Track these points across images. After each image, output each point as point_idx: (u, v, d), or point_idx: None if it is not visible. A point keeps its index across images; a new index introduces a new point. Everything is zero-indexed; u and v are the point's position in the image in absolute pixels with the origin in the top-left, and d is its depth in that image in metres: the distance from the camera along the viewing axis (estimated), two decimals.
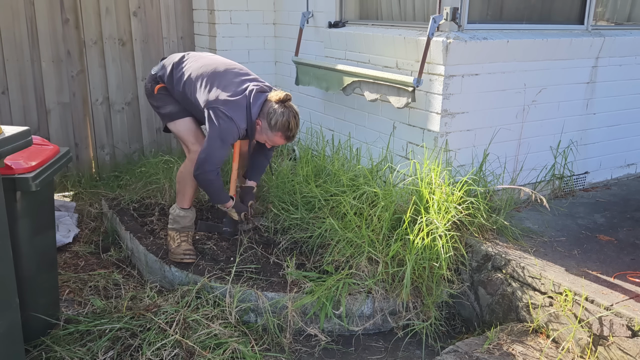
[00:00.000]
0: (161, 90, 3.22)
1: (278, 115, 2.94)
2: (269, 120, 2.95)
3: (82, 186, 4.40)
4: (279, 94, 2.98)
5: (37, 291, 2.42)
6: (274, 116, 2.94)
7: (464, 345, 2.47)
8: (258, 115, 2.99)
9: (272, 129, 2.97)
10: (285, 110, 2.95)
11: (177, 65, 3.15)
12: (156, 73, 3.24)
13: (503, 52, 3.17)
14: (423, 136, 3.26)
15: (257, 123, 3.00)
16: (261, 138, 3.09)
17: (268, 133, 3.01)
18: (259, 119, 3.00)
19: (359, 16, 3.99)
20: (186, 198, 3.22)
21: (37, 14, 4.21)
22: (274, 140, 3.04)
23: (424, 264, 2.77)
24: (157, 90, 3.22)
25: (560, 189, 3.72)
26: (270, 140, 3.06)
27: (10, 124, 3.51)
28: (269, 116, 2.95)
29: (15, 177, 2.14)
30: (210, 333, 2.51)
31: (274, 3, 4.68)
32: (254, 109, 2.98)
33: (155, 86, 3.23)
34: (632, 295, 2.39)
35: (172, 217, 3.25)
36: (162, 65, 3.24)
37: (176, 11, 4.75)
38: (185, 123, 3.21)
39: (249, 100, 2.98)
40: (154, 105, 3.30)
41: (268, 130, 2.99)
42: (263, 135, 3.05)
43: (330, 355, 2.68)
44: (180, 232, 3.22)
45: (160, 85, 3.22)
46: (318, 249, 3.12)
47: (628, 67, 3.79)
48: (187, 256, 3.13)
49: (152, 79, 3.26)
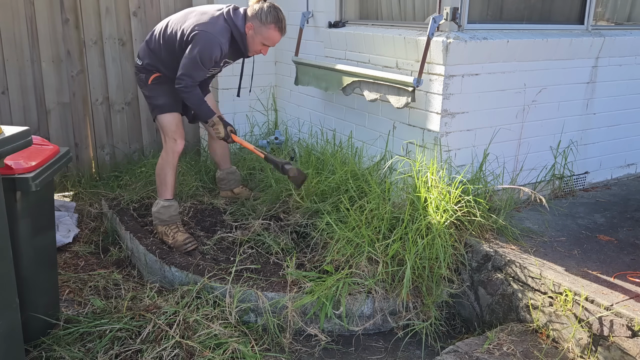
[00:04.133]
0: (155, 80, 3.29)
1: (265, 11, 3.17)
2: (260, 17, 3.15)
3: (82, 186, 4.39)
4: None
5: (37, 291, 2.42)
6: (262, 12, 3.16)
7: (464, 345, 2.47)
8: (245, 24, 3.17)
9: (264, 24, 3.15)
10: (269, 6, 3.18)
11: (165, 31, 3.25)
12: (142, 62, 3.32)
13: (503, 52, 3.17)
14: (423, 136, 3.26)
15: (248, 28, 3.17)
16: (256, 43, 3.23)
17: (262, 31, 3.17)
18: (248, 23, 3.17)
19: (359, 16, 3.99)
20: (168, 188, 3.32)
21: (37, 14, 4.21)
22: (270, 35, 3.20)
23: (424, 263, 2.77)
24: (152, 80, 3.30)
25: (560, 189, 3.72)
26: (265, 39, 3.21)
27: (10, 124, 3.50)
28: (258, 15, 3.16)
29: (15, 177, 2.14)
30: (210, 333, 2.51)
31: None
32: (239, 22, 3.17)
33: (150, 76, 3.30)
34: (632, 295, 2.39)
35: (157, 212, 3.31)
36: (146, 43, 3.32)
37: (176, 11, 4.73)
38: (172, 116, 3.34)
39: (229, 18, 3.15)
40: (146, 95, 3.38)
41: (262, 27, 3.16)
42: (257, 37, 3.20)
43: (330, 355, 2.68)
44: (169, 224, 3.27)
45: (155, 75, 3.29)
46: (318, 247, 3.13)
47: (628, 67, 3.79)
48: (188, 245, 3.21)
49: (144, 69, 3.33)
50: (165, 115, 3.32)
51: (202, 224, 3.57)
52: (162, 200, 3.32)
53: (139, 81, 3.40)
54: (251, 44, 3.24)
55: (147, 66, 3.31)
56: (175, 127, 3.35)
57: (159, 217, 3.29)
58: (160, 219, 3.29)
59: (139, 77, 3.39)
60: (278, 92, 4.83)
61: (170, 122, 3.34)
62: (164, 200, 3.32)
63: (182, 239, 3.23)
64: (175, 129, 3.34)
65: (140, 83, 3.39)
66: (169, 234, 3.26)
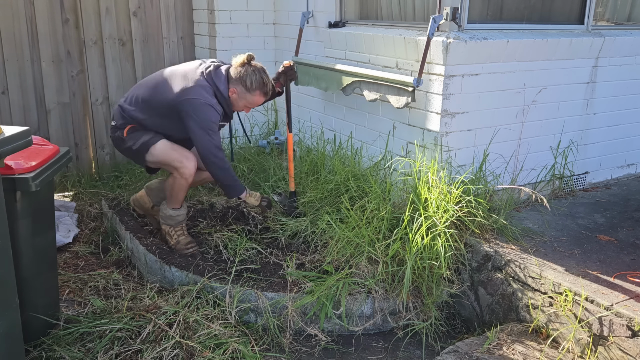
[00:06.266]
0: (130, 129, 3.10)
1: (250, 75, 2.98)
2: (244, 83, 2.99)
3: (82, 186, 4.39)
4: (241, 57, 3.02)
5: (37, 291, 2.42)
6: (247, 77, 2.98)
7: (464, 345, 2.47)
8: (228, 86, 3.01)
9: (249, 90, 3.01)
10: (254, 69, 3.00)
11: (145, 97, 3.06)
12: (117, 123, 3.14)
13: (503, 52, 3.17)
14: (423, 136, 3.26)
15: (231, 92, 3.02)
16: (239, 106, 3.10)
17: (247, 96, 3.03)
18: (231, 88, 3.02)
19: (359, 16, 3.99)
20: (179, 200, 3.20)
21: (37, 14, 4.21)
22: (254, 100, 3.07)
23: (424, 263, 2.77)
24: (127, 130, 3.10)
25: (560, 189, 3.72)
26: (250, 103, 3.09)
27: (10, 124, 3.50)
28: (242, 80, 2.99)
29: (15, 177, 2.13)
30: (210, 333, 2.51)
31: (274, 3, 4.68)
32: (221, 85, 2.99)
33: (125, 128, 3.10)
34: (632, 295, 2.39)
35: (164, 215, 3.25)
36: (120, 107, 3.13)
37: (176, 11, 4.75)
38: (162, 143, 3.07)
39: (210, 80, 2.97)
40: (127, 146, 3.12)
41: (246, 93, 3.02)
42: (241, 101, 3.06)
43: (330, 355, 2.68)
44: (174, 226, 3.24)
45: (130, 126, 3.10)
46: (318, 247, 3.12)
47: (628, 67, 3.79)
48: (190, 248, 3.18)
49: (117, 128, 3.14)
50: (154, 146, 3.05)
51: (202, 224, 3.57)
52: (171, 209, 3.22)
53: (115, 140, 3.19)
54: (234, 106, 3.10)
55: (121, 125, 3.13)
56: (172, 149, 3.06)
57: (164, 218, 3.27)
58: (166, 220, 3.27)
59: (114, 137, 3.18)
60: None
61: (164, 148, 3.06)
62: (172, 210, 3.22)
63: (184, 242, 3.22)
64: (173, 152, 3.05)
65: (117, 141, 3.17)
66: (172, 235, 3.25)
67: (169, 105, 2.96)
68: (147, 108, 3.04)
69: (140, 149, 3.08)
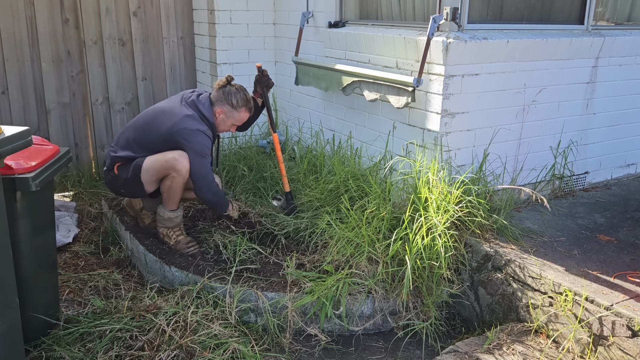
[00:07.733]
0: (119, 167, 3.18)
1: (235, 94, 3.16)
2: (230, 102, 3.15)
3: (82, 186, 4.40)
4: (220, 80, 3.19)
5: (37, 291, 2.42)
6: (232, 96, 3.15)
7: (464, 345, 2.47)
8: (213, 110, 3.15)
9: (235, 108, 3.16)
10: (236, 88, 3.18)
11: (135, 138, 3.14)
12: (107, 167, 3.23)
13: (503, 52, 3.17)
14: (423, 136, 3.26)
15: (218, 113, 3.16)
16: (226, 126, 3.23)
17: (234, 114, 3.18)
18: (217, 109, 3.15)
19: (359, 16, 3.99)
20: (175, 201, 3.22)
21: (37, 14, 4.21)
22: (240, 117, 3.22)
23: (424, 263, 2.77)
24: (117, 168, 3.18)
25: (560, 189, 3.72)
26: (237, 120, 3.23)
27: (10, 124, 3.51)
28: (228, 99, 3.15)
29: (15, 177, 2.14)
30: (210, 333, 2.51)
31: (274, 3, 4.68)
32: (206, 111, 3.13)
33: (113, 168, 3.19)
34: (632, 295, 2.39)
35: (161, 219, 3.27)
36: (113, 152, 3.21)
37: (176, 11, 4.75)
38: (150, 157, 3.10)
39: (195, 108, 3.10)
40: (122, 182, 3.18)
41: (233, 111, 3.17)
42: (229, 120, 3.21)
43: (330, 355, 2.68)
44: (172, 228, 3.25)
45: (119, 164, 3.18)
46: (318, 247, 3.12)
47: (628, 67, 3.79)
48: (191, 248, 3.21)
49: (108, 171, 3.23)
50: (144, 162, 3.09)
51: (201, 223, 3.57)
52: (168, 211, 3.23)
53: (110, 183, 3.27)
54: (221, 126, 3.22)
55: (110, 166, 3.22)
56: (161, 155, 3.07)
57: (161, 221, 3.27)
58: (164, 223, 3.27)
59: (108, 179, 3.27)
60: (278, 92, 4.83)
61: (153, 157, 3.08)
62: (169, 212, 3.23)
63: (185, 241, 3.23)
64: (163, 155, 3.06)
65: (112, 183, 3.26)
66: (171, 236, 3.25)
67: (162, 139, 3.07)
68: (140, 147, 3.14)
69: (134, 172, 3.13)
